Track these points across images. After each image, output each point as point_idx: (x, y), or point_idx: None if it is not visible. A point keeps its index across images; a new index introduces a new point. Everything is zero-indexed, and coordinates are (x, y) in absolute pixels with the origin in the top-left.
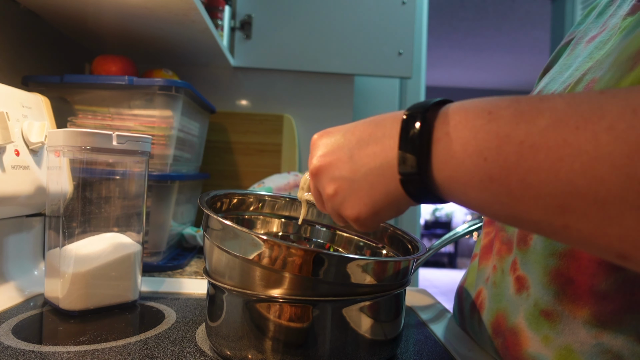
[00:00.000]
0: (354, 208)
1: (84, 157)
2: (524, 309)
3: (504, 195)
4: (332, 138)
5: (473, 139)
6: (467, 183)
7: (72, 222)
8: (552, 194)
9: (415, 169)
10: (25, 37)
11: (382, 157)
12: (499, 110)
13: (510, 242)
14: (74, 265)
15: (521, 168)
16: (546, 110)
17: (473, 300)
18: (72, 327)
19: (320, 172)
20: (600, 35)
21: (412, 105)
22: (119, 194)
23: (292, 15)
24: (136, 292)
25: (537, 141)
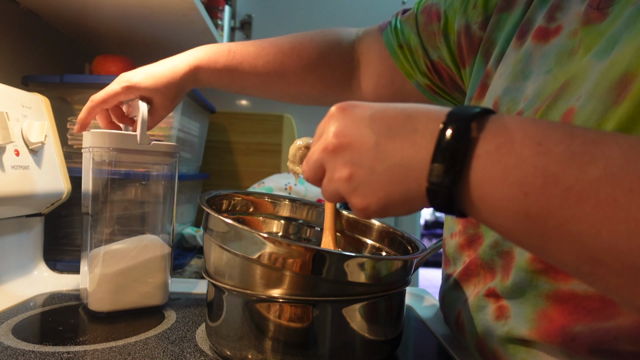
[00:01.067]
0: (365, 198)
1: (112, 157)
2: (498, 334)
3: (537, 233)
4: (356, 115)
5: (517, 169)
6: (499, 210)
7: (100, 223)
8: (589, 247)
9: (447, 181)
10: (25, 37)
11: (411, 155)
12: (549, 143)
13: (494, 270)
14: (102, 266)
15: (562, 214)
16: (600, 159)
17: (455, 320)
18: (75, 327)
19: (337, 151)
20: (556, 37)
21: (454, 109)
22: (148, 195)
23: (292, 15)
24: (166, 295)
25: (586, 191)
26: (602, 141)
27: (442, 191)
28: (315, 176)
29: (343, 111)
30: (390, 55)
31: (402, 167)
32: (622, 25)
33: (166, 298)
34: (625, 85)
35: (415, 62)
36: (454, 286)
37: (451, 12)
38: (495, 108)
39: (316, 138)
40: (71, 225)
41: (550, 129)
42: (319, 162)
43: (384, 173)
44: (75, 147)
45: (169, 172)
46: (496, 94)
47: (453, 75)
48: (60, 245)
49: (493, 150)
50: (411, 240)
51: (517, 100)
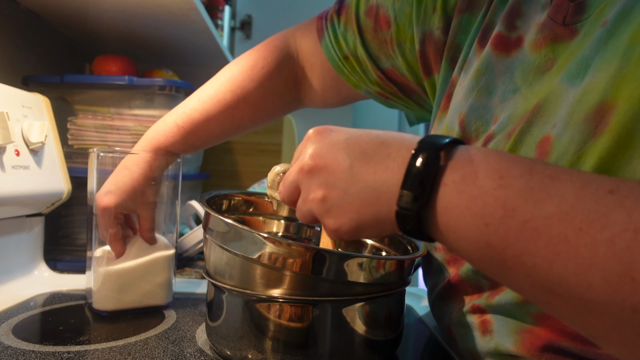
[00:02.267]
0: (338, 219)
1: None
2: (487, 350)
3: (497, 261)
4: (333, 139)
5: (480, 200)
6: (463, 238)
7: None
8: (542, 278)
9: (414, 207)
10: (25, 37)
11: (383, 179)
12: (510, 177)
13: (481, 288)
14: (105, 265)
15: (519, 246)
16: (555, 197)
17: (447, 333)
18: (75, 327)
19: (313, 172)
20: (518, 50)
21: (425, 137)
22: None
23: (292, 15)
24: (170, 295)
25: (540, 227)
26: (558, 178)
27: (411, 215)
28: (291, 197)
29: (320, 134)
30: (335, 70)
31: (374, 190)
32: (593, 47)
33: (170, 297)
34: (602, 116)
35: (364, 72)
36: (441, 299)
37: (403, 19)
38: (461, 126)
39: (294, 161)
40: (71, 225)
41: (512, 163)
42: (294, 182)
43: (356, 195)
44: (76, 147)
45: (172, 173)
46: (461, 110)
47: (409, 83)
48: (61, 245)
49: (459, 180)
50: (411, 240)
51: (486, 120)
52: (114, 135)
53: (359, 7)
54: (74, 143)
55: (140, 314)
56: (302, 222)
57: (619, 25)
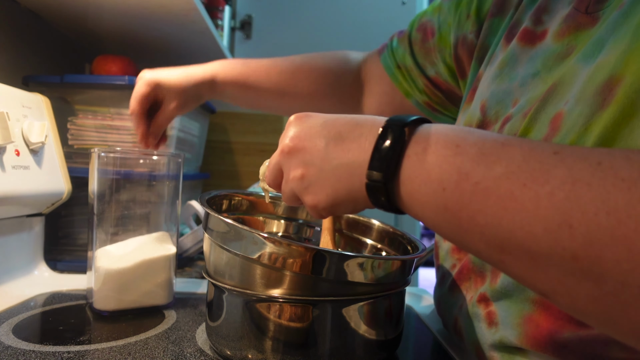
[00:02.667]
0: (315, 195)
1: (116, 156)
2: (492, 342)
3: (454, 225)
4: (311, 123)
5: (438, 167)
6: (425, 204)
7: (106, 223)
8: (494, 235)
9: (382, 178)
10: (25, 37)
11: (355, 156)
12: (465, 145)
13: (483, 274)
14: (106, 265)
15: (472, 207)
16: (504, 159)
17: (452, 325)
18: (75, 327)
19: (292, 153)
20: (542, 41)
21: (393, 116)
22: (153, 194)
23: (292, 15)
24: (170, 295)
25: (490, 186)
26: (509, 144)
27: (379, 187)
28: (275, 180)
29: (299, 119)
30: (389, 77)
31: (348, 167)
32: (609, 29)
33: (171, 297)
34: (610, 90)
35: (412, 80)
36: (449, 291)
37: (445, 27)
38: (482, 111)
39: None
40: (71, 225)
41: (468, 134)
42: (277, 165)
43: (331, 172)
44: (76, 147)
45: (173, 172)
46: (483, 98)
47: (452, 88)
48: (61, 245)
49: (421, 151)
50: (411, 240)
51: (506, 104)
52: (114, 135)
53: (413, 26)
54: (74, 143)
55: (141, 313)
56: (287, 204)
57: (634, 6)
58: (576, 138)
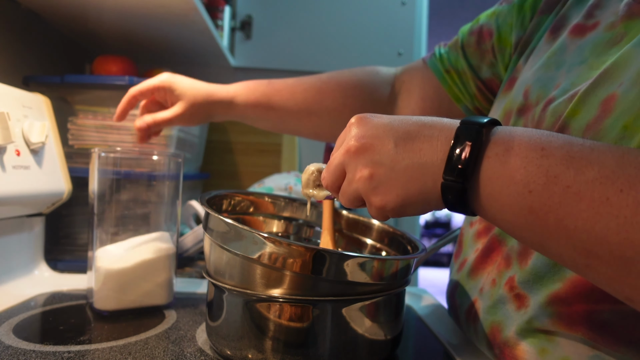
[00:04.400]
0: (385, 196)
1: (116, 156)
2: (518, 323)
3: (539, 227)
4: (376, 122)
5: (523, 169)
6: (505, 206)
7: (106, 223)
8: (584, 240)
9: (460, 178)
10: (25, 37)
11: (428, 155)
12: (551, 148)
13: (510, 258)
14: (106, 265)
15: (562, 210)
16: (596, 163)
17: (467, 309)
18: (76, 327)
19: (359, 152)
20: (593, 31)
21: (465, 118)
22: (153, 194)
23: (292, 15)
24: (170, 294)
25: (583, 191)
26: (597, 149)
27: (455, 187)
28: (336, 181)
29: (363, 119)
30: (438, 80)
31: (420, 166)
32: None
33: (171, 297)
34: None
35: (464, 85)
36: (468, 275)
37: (505, 28)
38: (525, 96)
39: (337, 147)
40: (72, 225)
41: (552, 137)
42: (340, 165)
43: (402, 171)
44: (76, 147)
45: (173, 172)
46: (527, 83)
47: None
48: (61, 245)
49: (502, 152)
50: (411, 240)
51: (547, 87)
52: (114, 135)
53: (464, 33)
54: (74, 143)
55: (141, 313)
56: (345, 206)
57: None
58: (632, 120)
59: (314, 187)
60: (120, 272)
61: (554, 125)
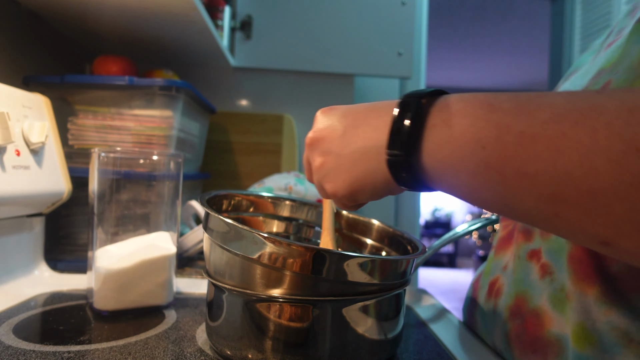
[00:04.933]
0: (334, 182)
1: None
2: (548, 292)
3: (498, 182)
4: (331, 115)
5: (472, 127)
6: (460, 169)
7: (106, 223)
8: (547, 183)
9: (404, 150)
10: (25, 37)
11: (372, 138)
12: (499, 102)
13: (530, 232)
14: (106, 265)
15: (519, 157)
16: (545, 105)
17: (489, 288)
18: (76, 327)
19: (313, 144)
20: (617, 41)
21: (408, 92)
22: (153, 194)
23: (292, 15)
24: (170, 295)
25: (537, 132)
26: (544, 94)
27: (401, 161)
28: (307, 174)
29: (323, 112)
30: None
31: (363, 148)
32: None
33: (171, 297)
34: None
35: None
36: (491, 259)
37: None
38: None
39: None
40: (72, 225)
41: (498, 94)
42: (306, 158)
43: (348, 156)
44: (76, 147)
45: (173, 172)
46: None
47: None
48: (61, 245)
49: (448, 117)
50: (411, 240)
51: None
52: (114, 135)
53: None
54: (74, 143)
55: (141, 313)
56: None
57: None
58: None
59: None
60: (120, 272)
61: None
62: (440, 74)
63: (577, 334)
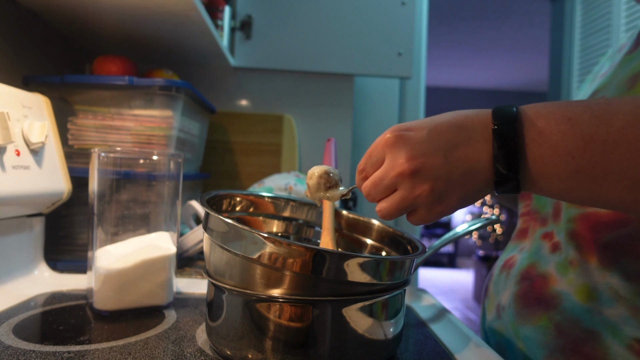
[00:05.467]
0: (447, 202)
1: (116, 156)
2: (556, 261)
3: (588, 183)
4: (416, 139)
5: (561, 142)
6: (554, 177)
7: (106, 223)
8: (630, 177)
9: (511, 173)
10: (25, 37)
11: (476, 159)
12: (577, 116)
13: (545, 219)
14: (106, 265)
15: (605, 161)
16: (618, 114)
17: (504, 263)
18: (76, 327)
19: (414, 173)
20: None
21: (496, 110)
22: (153, 195)
23: (292, 15)
24: (170, 295)
25: (618, 139)
26: (612, 102)
27: (508, 182)
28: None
29: (401, 138)
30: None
31: (472, 171)
32: None
33: (170, 297)
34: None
35: None
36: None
37: None
38: None
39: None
40: (72, 225)
41: (573, 106)
42: (392, 185)
43: (459, 179)
44: (76, 147)
45: (173, 172)
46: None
47: None
48: (61, 245)
49: (537, 136)
50: (411, 240)
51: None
52: (114, 135)
53: None
54: (74, 143)
55: (141, 313)
56: (387, 219)
57: None
58: None
59: (325, 190)
60: (120, 272)
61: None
62: (440, 74)
63: (582, 291)
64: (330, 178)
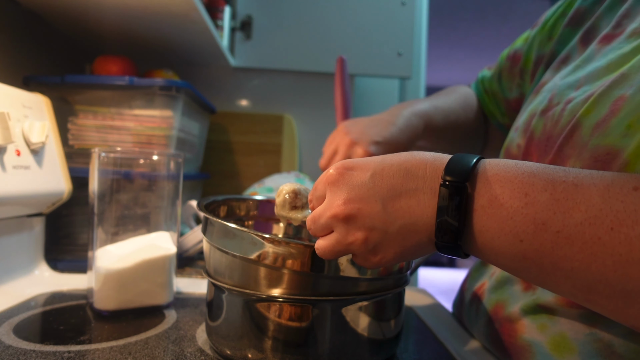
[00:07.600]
0: (384, 255)
1: (116, 156)
2: (524, 302)
3: (535, 270)
4: (357, 180)
5: (510, 220)
6: (499, 254)
7: (106, 223)
8: (581, 279)
9: (452, 237)
10: (25, 37)
11: (418, 214)
12: (534, 193)
13: None
14: (107, 265)
15: (555, 254)
16: (582, 204)
17: (475, 291)
18: (76, 327)
19: (348, 219)
20: (616, 39)
21: (453, 160)
22: (153, 194)
23: (292, 15)
24: (170, 295)
25: (573, 234)
26: (581, 184)
27: (449, 244)
28: (321, 235)
29: (343, 177)
30: (479, 99)
31: (413, 225)
32: None
33: (171, 297)
34: None
35: (496, 104)
36: (482, 264)
37: (531, 49)
38: (550, 99)
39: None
40: (72, 225)
41: (534, 177)
42: (328, 226)
43: (397, 232)
44: (76, 147)
45: (173, 172)
46: (554, 89)
47: None
48: (61, 245)
49: (487, 204)
50: None
51: (570, 89)
52: (114, 135)
53: (503, 57)
54: (74, 143)
55: (141, 313)
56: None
57: None
58: (636, 120)
59: (290, 209)
60: (120, 272)
61: (569, 123)
62: (440, 74)
63: (557, 342)
64: (298, 199)
